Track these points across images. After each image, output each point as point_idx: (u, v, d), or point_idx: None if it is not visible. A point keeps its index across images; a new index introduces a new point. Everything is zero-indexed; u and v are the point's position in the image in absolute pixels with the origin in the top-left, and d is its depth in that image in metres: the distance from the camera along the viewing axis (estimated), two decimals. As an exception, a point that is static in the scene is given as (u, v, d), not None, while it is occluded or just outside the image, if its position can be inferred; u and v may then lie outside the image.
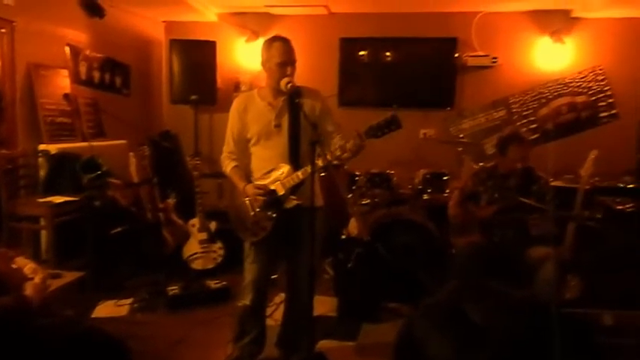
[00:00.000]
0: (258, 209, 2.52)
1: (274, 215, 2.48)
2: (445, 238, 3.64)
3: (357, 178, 4.30)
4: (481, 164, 3.78)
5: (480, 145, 4.65)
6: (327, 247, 3.62)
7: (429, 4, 4.77)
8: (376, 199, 4.17)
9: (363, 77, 5.23)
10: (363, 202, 4.21)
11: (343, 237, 4.05)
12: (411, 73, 5.10)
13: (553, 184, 3.62)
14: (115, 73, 4.89)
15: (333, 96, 4.99)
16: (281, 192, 2.47)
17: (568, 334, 0.65)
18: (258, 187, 2.49)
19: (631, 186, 4.00)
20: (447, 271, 3.26)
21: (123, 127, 4.72)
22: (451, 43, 4.99)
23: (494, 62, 4.91)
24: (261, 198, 2.48)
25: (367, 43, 5.15)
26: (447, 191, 4.13)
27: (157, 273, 3.87)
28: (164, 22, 5.48)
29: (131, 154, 4.37)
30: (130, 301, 3.61)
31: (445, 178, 4.29)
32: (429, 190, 4.25)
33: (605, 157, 3.53)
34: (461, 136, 4.76)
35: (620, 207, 3.63)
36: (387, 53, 5.13)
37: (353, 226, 4.03)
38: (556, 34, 4.76)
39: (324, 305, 3.48)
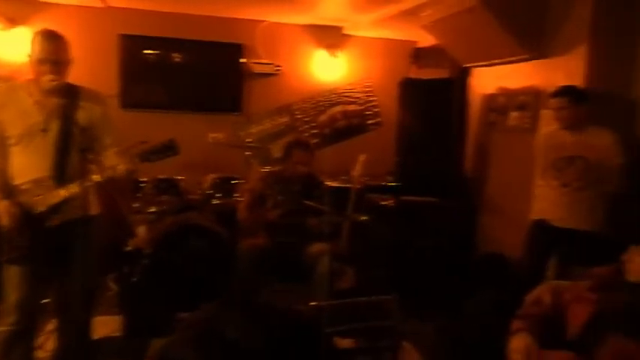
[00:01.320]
0: (12, 226, 2.18)
1: (30, 234, 2.18)
2: (236, 242, 3.68)
3: (142, 185, 4.06)
4: (268, 168, 3.94)
5: (266, 149, 4.84)
6: (110, 260, 3.34)
7: (214, 8, 4.77)
8: (164, 206, 4.01)
9: (148, 78, 4.96)
10: (150, 210, 4.01)
11: (128, 249, 3.79)
12: (199, 76, 5.03)
13: (330, 184, 3.99)
14: None
15: (113, 96, 4.62)
16: (40, 209, 2.18)
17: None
18: (13, 204, 2.16)
19: (392, 184, 4.64)
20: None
21: None
22: (237, 49, 5.08)
23: (277, 70, 5.17)
24: (15, 215, 2.15)
25: (152, 42, 4.90)
26: (237, 195, 4.20)
27: None
28: None
29: None
30: None
31: (234, 182, 4.35)
32: (218, 195, 4.26)
33: (372, 160, 4.03)
34: (249, 140, 4.88)
35: (385, 203, 4.18)
36: (175, 54, 4.97)
37: (139, 237, 3.80)
38: (330, 48, 5.25)
39: (107, 325, 3.19)
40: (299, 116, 5.36)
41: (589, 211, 2.95)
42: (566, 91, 2.98)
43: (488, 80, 4.25)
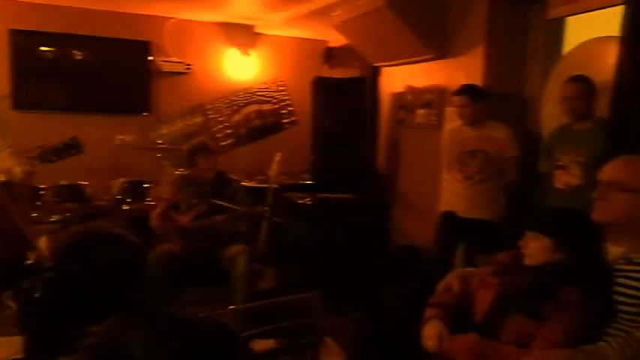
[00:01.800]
0: None
1: None
2: (149, 249, 3.52)
3: (42, 192, 3.77)
4: (181, 170, 3.81)
5: (179, 150, 4.67)
6: (7, 276, 3.06)
7: (118, 3, 4.53)
8: (68, 214, 3.75)
9: (46, 77, 4.62)
10: (53, 219, 3.73)
11: (29, 262, 3.50)
12: (104, 75, 4.77)
13: (247, 184, 3.94)
14: None
15: (3, 97, 4.24)
16: None
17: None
18: None
19: (308, 182, 4.68)
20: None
21: None
22: (144, 47, 4.87)
23: (188, 69, 5.02)
24: None
25: (50, 39, 4.56)
26: (148, 199, 4.02)
27: None
28: None
29: None
30: None
31: (145, 185, 4.17)
32: (128, 200, 4.05)
33: (288, 158, 4.04)
34: (159, 141, 4.70)
35: (302, 201, 4.20)
36: (76, 52, 4.66)
37: (40, 248, 3.52)
38: (242, 46, 5.18)
39: (5, 348, 2.90)
40: (212, 116, 5.24)
41: (490, 201, 3.16)
42: (466, 90, 3.18)
43: (396, 79, 4.42)
